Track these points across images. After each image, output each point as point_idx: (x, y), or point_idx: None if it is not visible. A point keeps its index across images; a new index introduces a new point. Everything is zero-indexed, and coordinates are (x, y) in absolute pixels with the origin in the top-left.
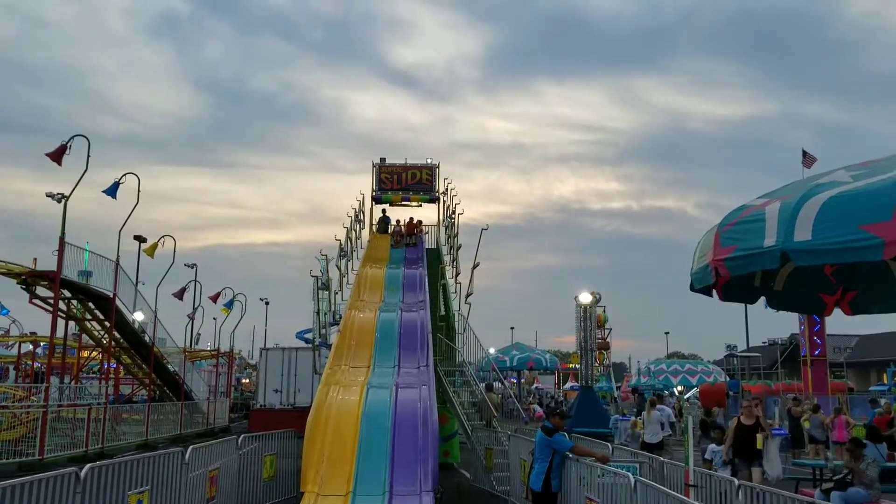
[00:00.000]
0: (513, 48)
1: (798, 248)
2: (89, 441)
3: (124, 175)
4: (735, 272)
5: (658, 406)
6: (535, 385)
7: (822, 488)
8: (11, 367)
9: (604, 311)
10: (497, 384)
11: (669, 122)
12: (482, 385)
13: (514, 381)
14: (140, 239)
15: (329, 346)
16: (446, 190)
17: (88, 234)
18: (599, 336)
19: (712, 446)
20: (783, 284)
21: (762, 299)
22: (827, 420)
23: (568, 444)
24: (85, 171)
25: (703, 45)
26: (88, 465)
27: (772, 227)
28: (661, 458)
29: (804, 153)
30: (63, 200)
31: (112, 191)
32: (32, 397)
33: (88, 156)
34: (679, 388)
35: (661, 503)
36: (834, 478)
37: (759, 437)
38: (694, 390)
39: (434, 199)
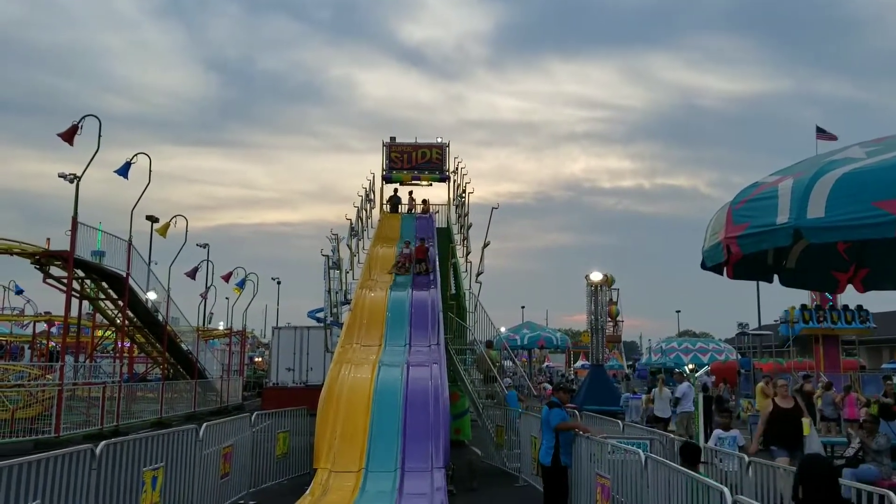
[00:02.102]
0: (522, 25)
1: (811, 226)
2: (104, 419)
3: (135, 155)
4: (747, 250)
5: (686, 383)
6: (545, 364)
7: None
8: (27, 346)
9: (617, 302)
10: (508, 363)
11: (681, 99)
12: (482, 344)
13: (525, 359)
14: (152, 219)
15: (340, 325)
16: (456, 169)
17: (101, 215)
18: (610, 328)
19: (718, 432)
20: (795, 262)
21: (776, 278)
22: (838, 398)
23: (554, 421)
24: (96, 151)
25: (716, 22)
26: (104, 443)
27: (784, 204)
28: (671, 434)
29: (818, 129)
30: (75, 181)
31: (123, 171)
32: (48, 376)
33: (100, 136)
34: (690, 366)
35: (672, 480)
36: (844, 455)
37: (806, 422)
38: (705, 368)
39: (444, 178)
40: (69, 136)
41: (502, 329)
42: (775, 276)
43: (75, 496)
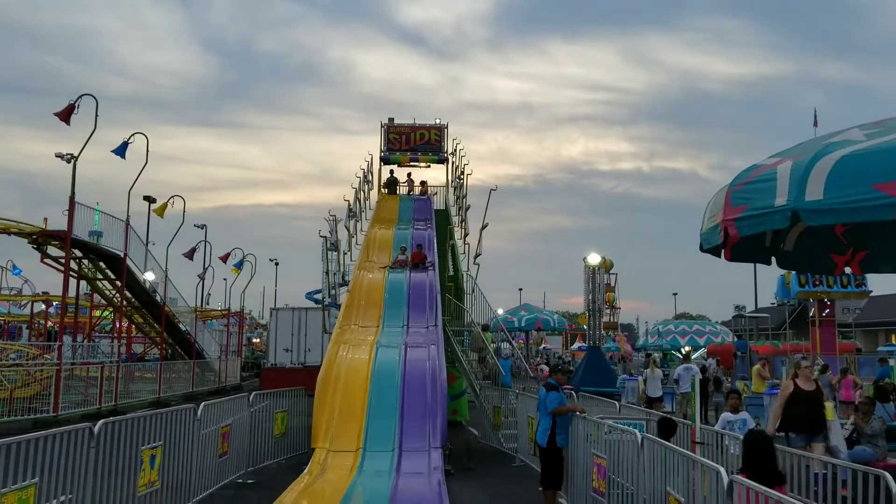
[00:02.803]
0: (522, 6)
1: (809, 208)
2: (102, 398)
3: (133, 135)
4: (744, 232)
5: (686, 365)
6: (542, 346)
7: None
8: (24, 326)
9: (615, 288)
10: (505, 345)
11: (682, 81)
12: (479, 326)
13: (523, 341)
14: (149, 199)
15: (338, 307)
16: (455, 150)
17: (98, 195)
18: (608, 313)
19: (727, 415)
20: (793, 244)
21: (773, 260)
22: (834, 380)
23: (551, 406)
24: (93, 130)
25: (718, 3)
26: (102, 421)
27: (783, 187)
28: (662, 413)
29: (816, 114)
30: (72, 160)
31: (121, 151)
32: (46, 356)
33: (97, 115)
34: (687, 348)
35: (668, 460)
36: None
37: (829, 406)
38: (701, 350)
39: (443, 160)
40: (66, 115)
41: (500, 311)
42: (773, 259)
43: (74, 474)
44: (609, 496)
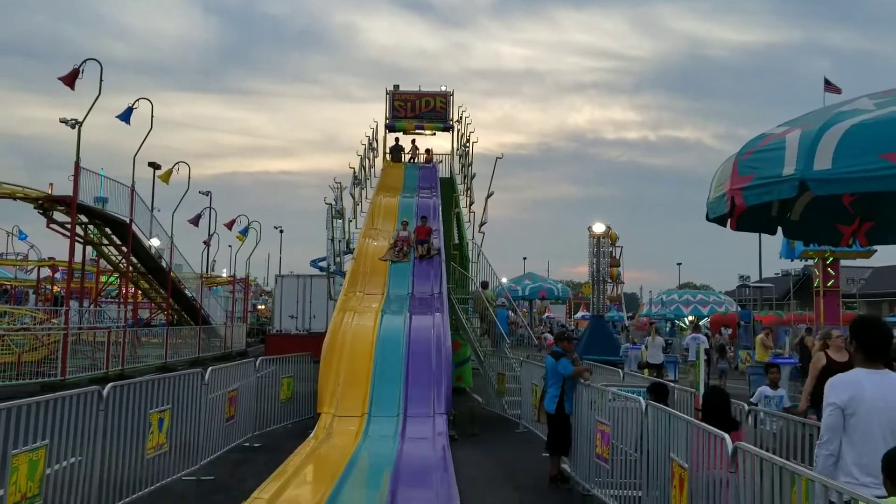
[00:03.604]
0: None
1: (817, 177)
2: (109, 363)
3: (137, 100)
4: (751, 201)
5: (694, 335)
6: (546, 314)
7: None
8: (31, 291)
9: (620, 261)
10: (501, 299)
11: (689, 49)
12: (479, 284)
13: (526, 310)
14: (154, 166)
15: (343, 274)
16: (461, 118)
17: (102, 162)
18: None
19: (765, 390)
20: (800, 214)
21: (779, 230)
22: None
23: (567, 371)
24: (98, 95)
25: None
26: (110, 385)
27: (791, 156)
28: (664, 380)
29: (826, 81)
30: (77, 126)
31: (125, 116)
32: (53, 320)
33: (101, 80)
34: (690, 317)
35: (672, 426)
36: None
37: None
38: (704, 320)
39: (448, 128)
40: (70, 79)
41: (504, 279)
42: (779, 228)
43: (83, 436)
44: (612, 462)
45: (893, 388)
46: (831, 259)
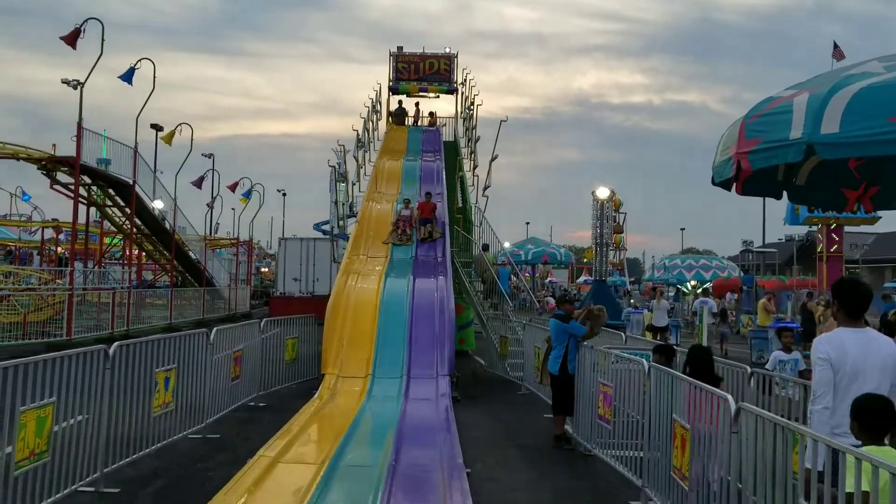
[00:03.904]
0: None
1: (824, 141)
2: (114, 323)
3: (139, 60)
4: (757, 165)
5: (702, 299)
6: (548, 279)
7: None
8: (35, 252)
9: (623, 228)
10: (512, 276)
11: (698, 12)
12: (480, 246)
13: (529, 274)
14: (157, 127)
15: (347, 238)
16: (465, 80)
17: (105, 124)
18: (614, 252)
19: (779, 354)
20: (805, 179)
21: (784, 195)
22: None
23: (582, 330)
24: (100, 55)
25: None
26: (116, 344)
27: (799, 119)
28: (669, 343)
29: (835, 45)
30: (79, 87)
31: (128, 77)
32: (57, 280)
33: (103, 40)
34: (692, 282)
35: (675, 388)
36: None
37: None
38: (707, 285)
39: (452, 90)
40: (72, 39)
41: (506, 244)
42: (784, 193)
43: (90, 394)
44: (614, 424)
45: (874, 345)
46: (835, 225)
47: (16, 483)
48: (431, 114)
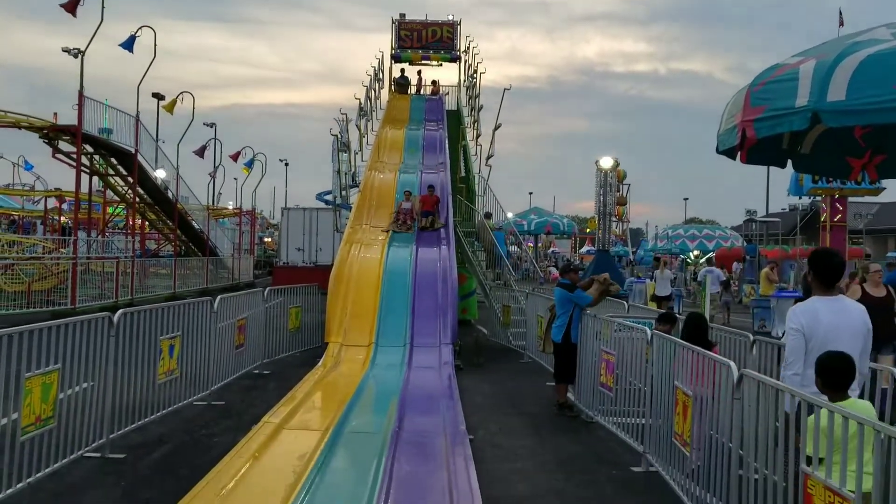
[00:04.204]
0: None
1: (830, 109)
2: (119, 292)
3: (140, 28)
4: (762, 133)
5: (708, 268)
6: (551, 249)
7: None
8: (38, 221)
9: (627, 200)
10: (514, 248)
11: None
12: (482, 214)
13: (532, 244)
14: (158, 96)
15: (349, 207)
16: (468, 48)
17: (106, 94)
18: (618, 192)
19: None
20: (811, 147)
21: (789, 163)
22: (842, 283)
23: (588, 298)
24: (100, 23)
25: None
26: (121, 311)
27: (805, 87)
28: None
29: (841, 14)
30: (79, 55)
31: (128, 44)
32: (61, 249)
33: (103, 7)
34: (695, 252)
35: (677, 356)
36: None
37: None
38: (709, 255)
39: (455, 59)
40: (72, 7)
41: (510, 214)
42: (788, 161)
43: (95, 362)
44: (616, 391)
45: (845, 312)
46: (839, 196)
47: (22, 448)
48: (434, 82)
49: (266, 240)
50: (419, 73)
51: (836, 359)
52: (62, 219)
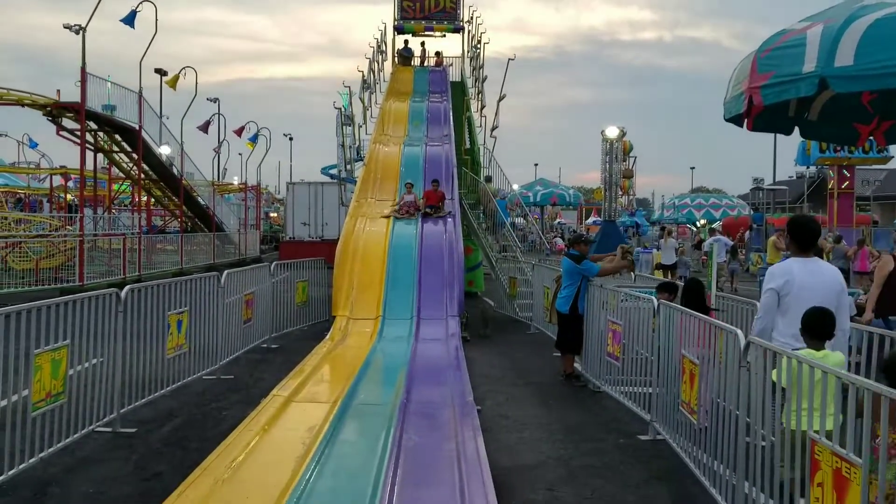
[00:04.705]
0: None
1: (838, 74)
2: (126, 269)
3: (141, 3)
4: (769, 100)
5: (716, 237)
6: (557, 220)
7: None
8: (45, 199)
9: (629, 141)
10: (520, 220)
11: None
12: (482, 178)
13: (538, 216)
14: (161, 72)
15: (354, 181)
16: (471, 19)
17: (108, 70)
18: (624, 165)
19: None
20: (818, 114)
21: (795, 130)
22: (850, 251)
23: (596, 269)
24: None
25: None
26: (128, 287)
27: (812, 52)
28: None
29: None
30: (81, 31)
31: (129, 20)
32: (68, 227)
33: None
34: (702, 221)
35: (684, 324)
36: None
37: None
38: (716, 224)
39: (458, 29)
40: None
41: (515, 186)
42: (795, 128)
43: (103, 338)
44: (623, 361)
45: (818, 272)
46: (846, 164)
47: (34, 424)
48: (438, 53)
49: (272, 215)
50: (422, 44)
51: (814, 314)
52: (68, 196)
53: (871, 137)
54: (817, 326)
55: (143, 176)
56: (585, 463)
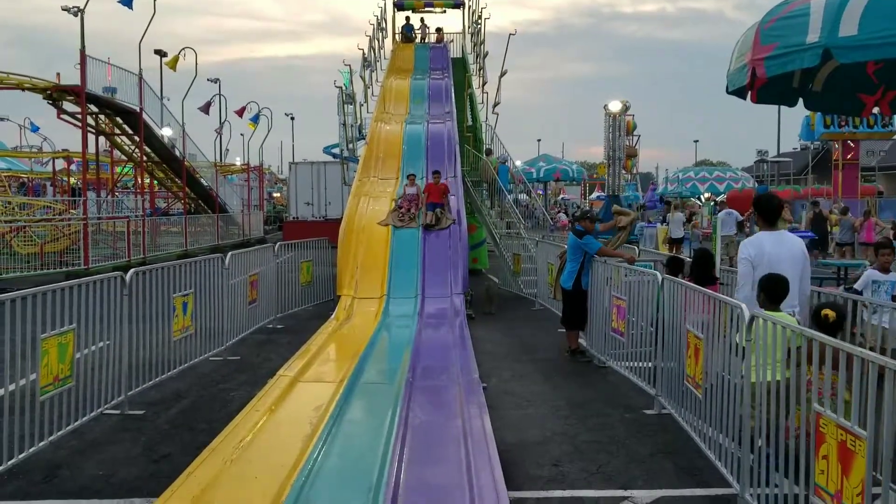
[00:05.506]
0: None
1: (842, 45)
2: (131, 251)
3: None
4: (773, 72)
5: (727, 210)
6: (561, 196)
7: (846, 286)
8: (48, 183)
9: (633, 118)
10: (523, 196)
11: None
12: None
13: (541, 192)
14: (161, 53)
15: (357, 160)
16: None
17: (108, 53)
18: (628, 143)
19: (872, 273)
20: (822, 85)
21: (800, 102)
22: (857, 222)
23: (596, 246)
24: None
25: None
26: (133, 270)
27: (816, 23)
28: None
29: None
30: (79, 13)
31: (127, 1)
32: (72, 210)
33: None
34: (706, 195)
35: (689, 299)
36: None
37: None
38: (721, 197)
39: (459, 5)
40: None
41: (518, 162)
42: (800, 100)
43: (109, 320)
44: (628, 335)
45: (785, 243)
46: (851, 139)
47: (42, 407)
48: (438, 30)
49: (275, 195)
50: (422, 20)
51: (770, 279)
52: (71, 180)
53: (877, 107)
54: (774, 290)
55: (145, 158)
56: (591, 438)
